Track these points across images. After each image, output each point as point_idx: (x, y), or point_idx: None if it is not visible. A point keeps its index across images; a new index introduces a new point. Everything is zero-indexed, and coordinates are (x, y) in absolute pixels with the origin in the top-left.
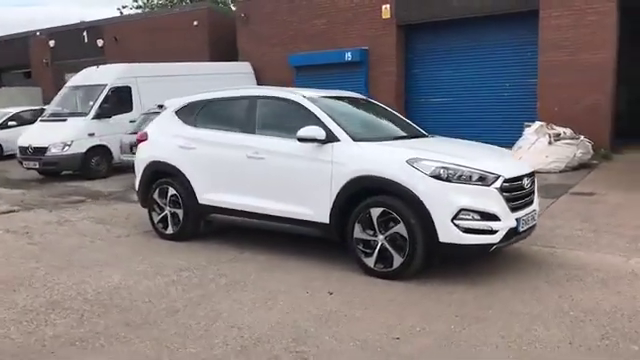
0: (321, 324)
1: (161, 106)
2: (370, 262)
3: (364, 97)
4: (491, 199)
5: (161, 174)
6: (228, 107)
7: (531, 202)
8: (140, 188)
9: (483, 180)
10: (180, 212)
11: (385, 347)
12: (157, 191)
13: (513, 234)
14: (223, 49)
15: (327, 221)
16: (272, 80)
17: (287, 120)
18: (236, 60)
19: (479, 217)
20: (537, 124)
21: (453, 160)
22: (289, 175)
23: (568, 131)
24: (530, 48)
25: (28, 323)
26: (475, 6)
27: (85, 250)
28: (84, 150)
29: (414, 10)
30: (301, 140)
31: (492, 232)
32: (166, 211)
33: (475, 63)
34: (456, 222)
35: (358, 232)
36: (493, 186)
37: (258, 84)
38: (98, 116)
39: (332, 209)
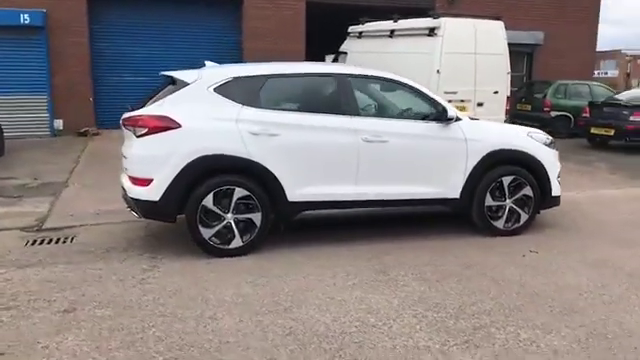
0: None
1: None
2: (499, 224)
3: None
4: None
5: (219, 172)
6: (305, 86)
7: None
8: (171, 195)
9: (554, 145)
10: (257, 216)
11: None
12: (211, 196)
13: None
14: None
15: (458, 196)
16: None
17: (393, 101)
18: None
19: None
20: None
21: (542, 131)
22: (419, 156)
23: None
24: (231, 33)
25: None
26: None
27: (160, 293)
28: None
29: None
30: (448, 120)
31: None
32: (228, 220)
33: (176, 42)
34: (558, 179)
35: (489, 200)
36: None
37: None
38: None
39: (466, 183)
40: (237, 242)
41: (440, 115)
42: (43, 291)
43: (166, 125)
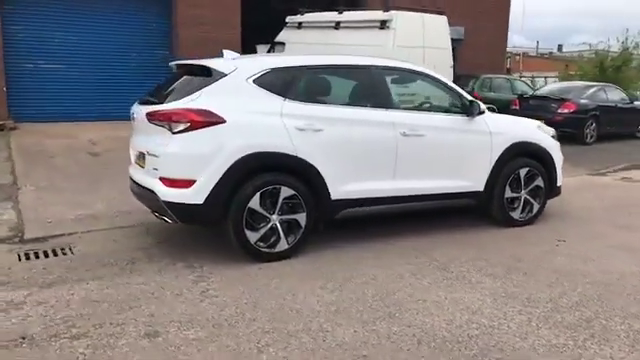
0: None
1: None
2: (516, 215)
3: None
4: None
5: (265, 170)
6: (341, 78)
7: None
8: (216, 197)
9: (556, 137)
10: (302, 217)
11: None
12: (258, 196)
13: None
14: None
15: (482, 189)
16: None
17: (423, 94)
18: None
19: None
20: None
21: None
22: (451, 150)
23: None
24: (157, 20)
25: None
26: None
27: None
28: None
29: None
30: (480, 114)
31: None
32: (273, 222)
33: (99, 27)
34: (561, 170)
35: (508, 192)
36: None
37: None
38: None
39: (489, 176)
40: (283, 245)
41: (468, 108)
42: (98, 314)
43: (209, 120)
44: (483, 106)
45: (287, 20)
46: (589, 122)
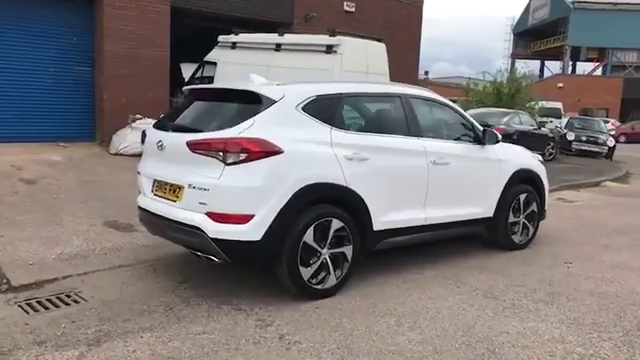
0: None
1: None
2: (516, 239)
3: None
4: None
5: (318, 202)
6: (376, 106)
7: None
8: (274, 233)
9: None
10: (349, 249)
11: None
12: (312, 230)
13: None
14: None
15: (492, 214)
16: None
17: (443, 122)
18: None
19: None
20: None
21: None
22: (470, 177)
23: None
24: (78, 34)
25: None
26: None
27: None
28: None
29: None
30: (497, 142)
31: None
32: (323, 256)
33: (8, 38)
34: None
35: (511, 217)
36: None
37: None
38: None
39: (498, 202)
40: (332, 280)
41: (481, 137)
42: None
43: (267, 150)
44: (499, 135)
45: (219, 39)
46: None
